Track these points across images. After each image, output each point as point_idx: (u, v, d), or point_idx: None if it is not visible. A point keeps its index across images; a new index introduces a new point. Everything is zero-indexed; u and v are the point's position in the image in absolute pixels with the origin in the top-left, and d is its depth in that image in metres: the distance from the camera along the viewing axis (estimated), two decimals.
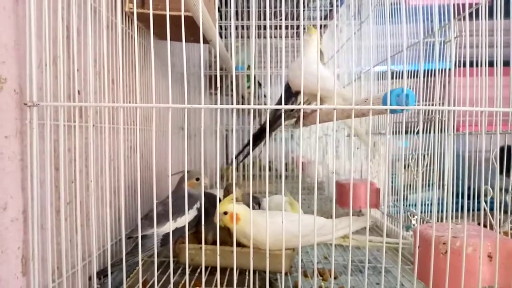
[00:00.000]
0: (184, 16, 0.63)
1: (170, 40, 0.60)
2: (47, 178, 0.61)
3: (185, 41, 0.96)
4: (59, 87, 0.62)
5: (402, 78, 0.57)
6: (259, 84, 1.92)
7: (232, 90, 1.82)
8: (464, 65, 0.73)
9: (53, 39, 0.63)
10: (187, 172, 0.93)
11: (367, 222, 0.81)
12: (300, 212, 0.84)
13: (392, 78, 1.13)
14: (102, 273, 0.75)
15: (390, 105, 0.51)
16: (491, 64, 0.76)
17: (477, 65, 0.77)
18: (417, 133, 1.03)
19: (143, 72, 1.08)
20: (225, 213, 0.85)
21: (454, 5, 0.80)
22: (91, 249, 0.75)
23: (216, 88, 1.76)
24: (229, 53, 1.55)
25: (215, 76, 1.70)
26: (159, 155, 1.23)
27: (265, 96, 2.03)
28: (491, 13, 0.74)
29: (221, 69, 1.74)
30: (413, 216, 1.11)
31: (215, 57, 1.82)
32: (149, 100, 1.11)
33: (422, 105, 1.07)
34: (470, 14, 0.83)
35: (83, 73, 0.72)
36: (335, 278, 0.94)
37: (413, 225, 1.07)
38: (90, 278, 0.76)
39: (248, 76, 1.81)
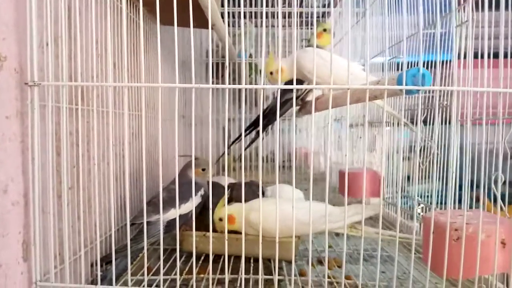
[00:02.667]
0: None
1: (174, 25, 0.58)
2: (49, 161, 0.59)
3: (188, 26, 0.94)
4: (60, 68, 0.60)
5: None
6: (261, 73, 1.89)
7: (234, 79, 1.80)
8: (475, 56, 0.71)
9: (54, 18, 0.61)
10: (196, 159, 0.92)
11: (380, 210, 0.80)
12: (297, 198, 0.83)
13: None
14: (105, 260, 0.73)
15: (406, 85, 0.49)
16: (495, 55, 0.74)
17: (481, 57, 0.76)
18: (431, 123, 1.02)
19: (146, 57, 1.06)
20: (220, 219, 0.87)
21: None
22: (93, 235, 0.74)
23: (217, 77, 1.74)
24: (231, 40, 1.53)
25: (217, 64, 1.67)
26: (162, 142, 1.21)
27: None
28: (497, 5, 0.73)
29: (223, 57, 1.71)
30: (419, 205, 1.09)
31: (217, 46, 1.80)
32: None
33: (422, 95, 1.06)
34: (476, 4, 0.81)
35: (85, 55, 0.70)
36: (339, 266, 0.93)
37: (419, 214, 1.06)
38: (92, 265, 0.74)
39: (250, 65, 1.78)
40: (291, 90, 0.57)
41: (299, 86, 0.58)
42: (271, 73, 0.95)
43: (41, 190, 0.59)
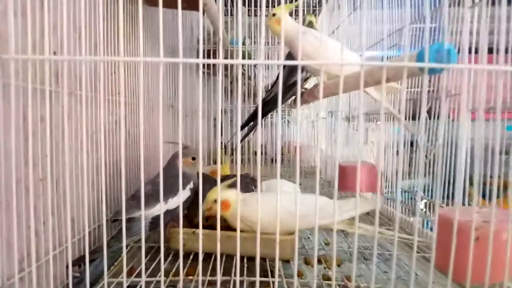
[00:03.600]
0: None
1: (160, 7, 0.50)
2: (13, 149, 0.51)
3: (176, 8, 0.86)
4: (28, 41, 0.52)
5: None
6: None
7: (226, 69, 1.71)
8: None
9: None
10: (184, 148, 0.84)
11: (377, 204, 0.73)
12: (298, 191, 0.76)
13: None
14: (81, 261, 0.66)
15: (429, 62, 0.42)
16: (490, 51, 0.70)
17: (476, 52, 0.72)
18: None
19: (129, 40, 0.97)
20: (215, 201, 0.79)
21: None
22: (68, 233, 0.66)
23: (209, 67, 1.66)
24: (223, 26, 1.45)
25: (208, 51, 1.59)
26: (146, 133, 1.13)
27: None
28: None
29: (214, 44, 1.63)
30: (421, 200, 1.03)
31: (209, 34, 1.71)
32: (135, 73, 1.00)
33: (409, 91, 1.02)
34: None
35: (60, 31, 0.62)
36: (338, 265, 0.87)
37: (421, 209, 1.00)
38: (68, 267, 0.67)
39: (244, 53, 1.70)
40: (295, 73, 0.50)
41: (305, 62, 0.51)
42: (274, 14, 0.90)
43: (4, 182, 0.51)
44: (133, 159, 1.00)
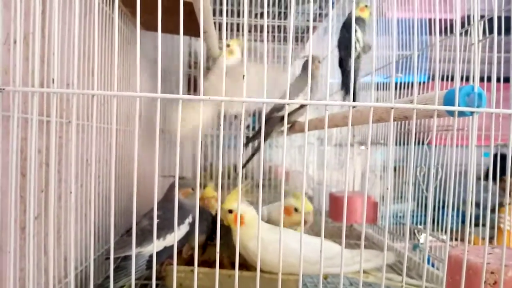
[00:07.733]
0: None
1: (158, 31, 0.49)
2: (11, 185, 0.48)
3: (173, 33, 0.84)
4: (31, 71, 0.49)
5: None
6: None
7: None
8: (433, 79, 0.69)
9: (25, 10, 0.50)
10: (181, 179, 0.80)
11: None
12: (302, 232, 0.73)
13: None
14: None
15: (459, 106, 0.41)
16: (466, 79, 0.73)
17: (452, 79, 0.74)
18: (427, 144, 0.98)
19: (124, 65, 0.95)
20: (230, 211, 0.74)
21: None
22: (61, 273, 0.61)
23: (195, 90, 1.62)
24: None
25: (195, 77, 1.56)
26: (141, 161, 1.09)
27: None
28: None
29: (207, 68, 1.61)
30: (420, 233, 1.02)
31: (196, 57, 1.69)
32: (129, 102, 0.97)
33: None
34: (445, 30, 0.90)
35: (61, 57, 0.59)
36: None
37: (421, 243, 0.99)
38: None
39: None
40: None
41: (292, 101, 0.49)
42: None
43: (1, 221, 0.47)
44: (122, 189, 0.94)
